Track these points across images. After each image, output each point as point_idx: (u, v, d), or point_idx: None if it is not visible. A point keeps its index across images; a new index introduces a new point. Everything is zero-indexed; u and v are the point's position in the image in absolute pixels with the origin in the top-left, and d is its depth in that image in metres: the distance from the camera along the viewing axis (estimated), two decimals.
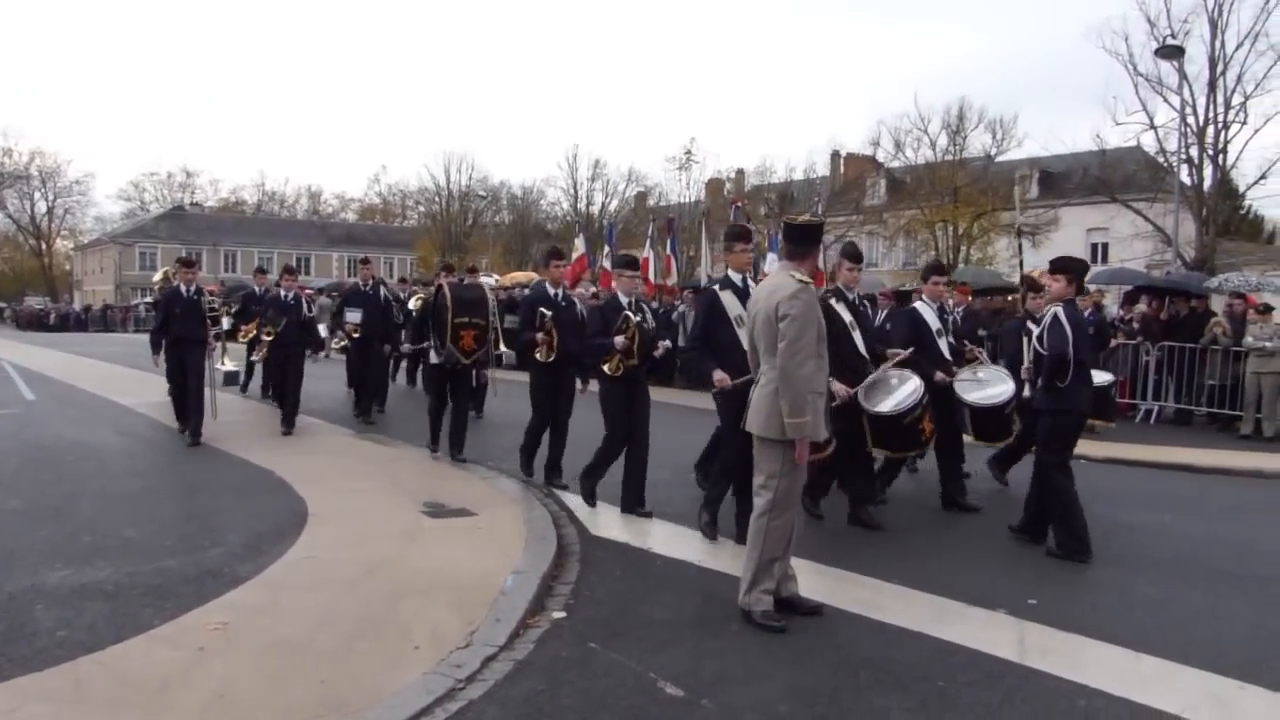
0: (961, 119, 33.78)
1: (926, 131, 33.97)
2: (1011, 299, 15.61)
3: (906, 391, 6.36)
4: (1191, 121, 23.38)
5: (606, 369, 6.49)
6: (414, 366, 14.75)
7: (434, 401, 8.74)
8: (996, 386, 7.14)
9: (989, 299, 15.82)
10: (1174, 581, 5.36)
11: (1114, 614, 4.75)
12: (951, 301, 7.99)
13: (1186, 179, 23.97)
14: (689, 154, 38.74)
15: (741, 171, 44.91)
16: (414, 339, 10.34)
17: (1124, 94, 44.14)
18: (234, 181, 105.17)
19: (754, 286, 5.26)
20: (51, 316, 49.48)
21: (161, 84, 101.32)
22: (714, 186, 42.05)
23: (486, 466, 8.10)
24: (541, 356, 7.14)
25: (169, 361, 9.40)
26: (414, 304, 12.13)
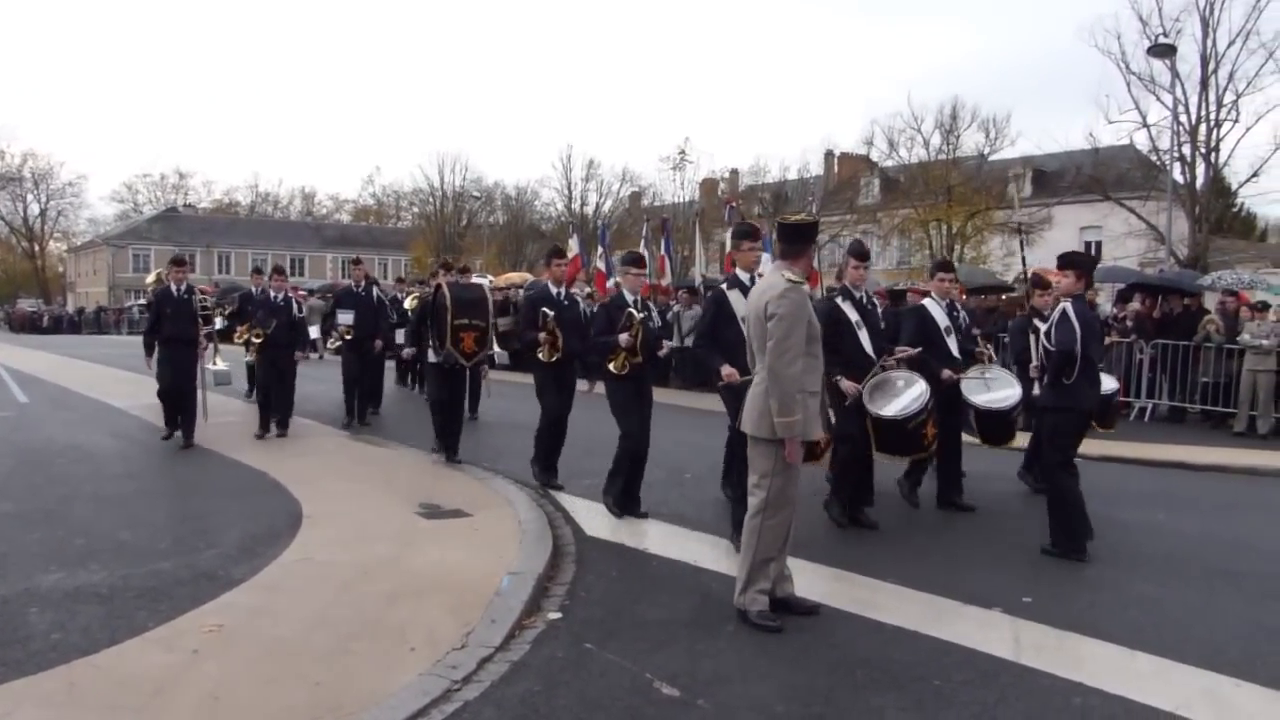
0: (955, 118, 33.83)
1: (920, 131, 34.00)
2: (1005, 298, 15.63)
3: (912, 396, 6.26)
4: (1184, 120, 23.44)
5: (612, 367, 6.42)
6: (407, 367, 14.65)
7: (436, 402, 8.55)
8: (1004, 390, 7.07)
9: (982, 298, 15.83)
10: (1169, 579, 5.37)
11: (1109, 612, 4.76)
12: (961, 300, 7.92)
13: (1179, 177, 24.08)
14: (683, 154, 38.61)
15: (735, 171, 45.01)
16: (412, 341, 10.21)
17: (1116, 92, 43.79)
18: (228, 183, 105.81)
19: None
20: (44, 319, 49.23)
21: (155, 86, 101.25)
22: (708, 186, 42.01)
23: (481, 467, 8.09)
24: (545, 356, 7.10)
25: (159, 363, 9.28)
26: (410, 304, 12.10)
